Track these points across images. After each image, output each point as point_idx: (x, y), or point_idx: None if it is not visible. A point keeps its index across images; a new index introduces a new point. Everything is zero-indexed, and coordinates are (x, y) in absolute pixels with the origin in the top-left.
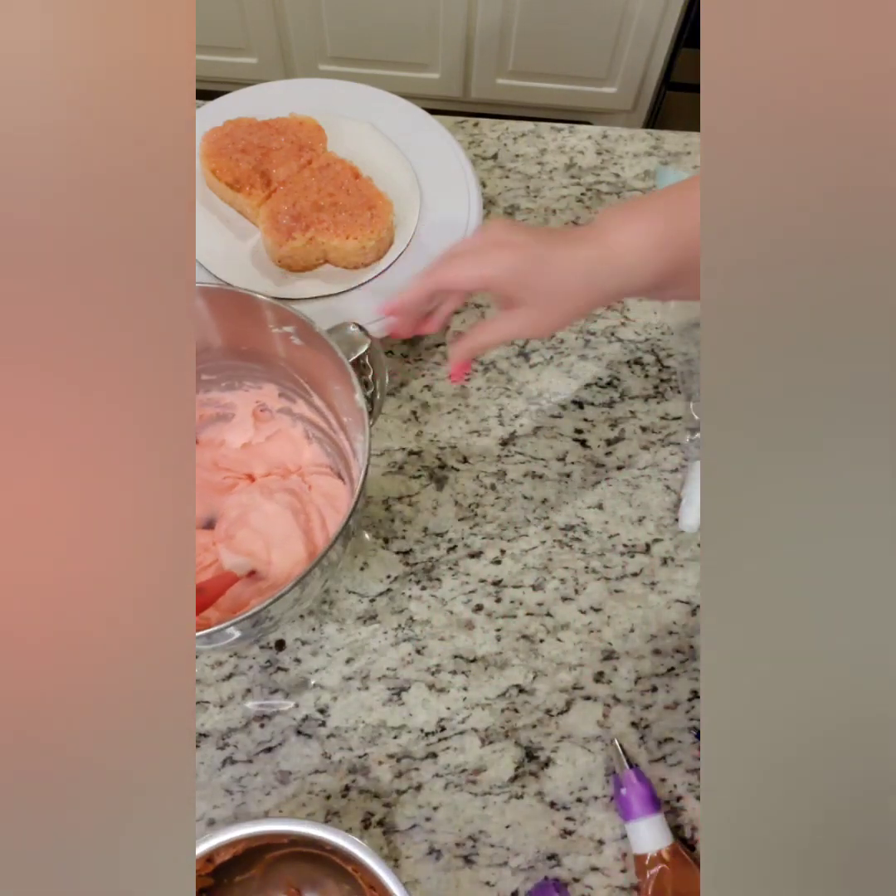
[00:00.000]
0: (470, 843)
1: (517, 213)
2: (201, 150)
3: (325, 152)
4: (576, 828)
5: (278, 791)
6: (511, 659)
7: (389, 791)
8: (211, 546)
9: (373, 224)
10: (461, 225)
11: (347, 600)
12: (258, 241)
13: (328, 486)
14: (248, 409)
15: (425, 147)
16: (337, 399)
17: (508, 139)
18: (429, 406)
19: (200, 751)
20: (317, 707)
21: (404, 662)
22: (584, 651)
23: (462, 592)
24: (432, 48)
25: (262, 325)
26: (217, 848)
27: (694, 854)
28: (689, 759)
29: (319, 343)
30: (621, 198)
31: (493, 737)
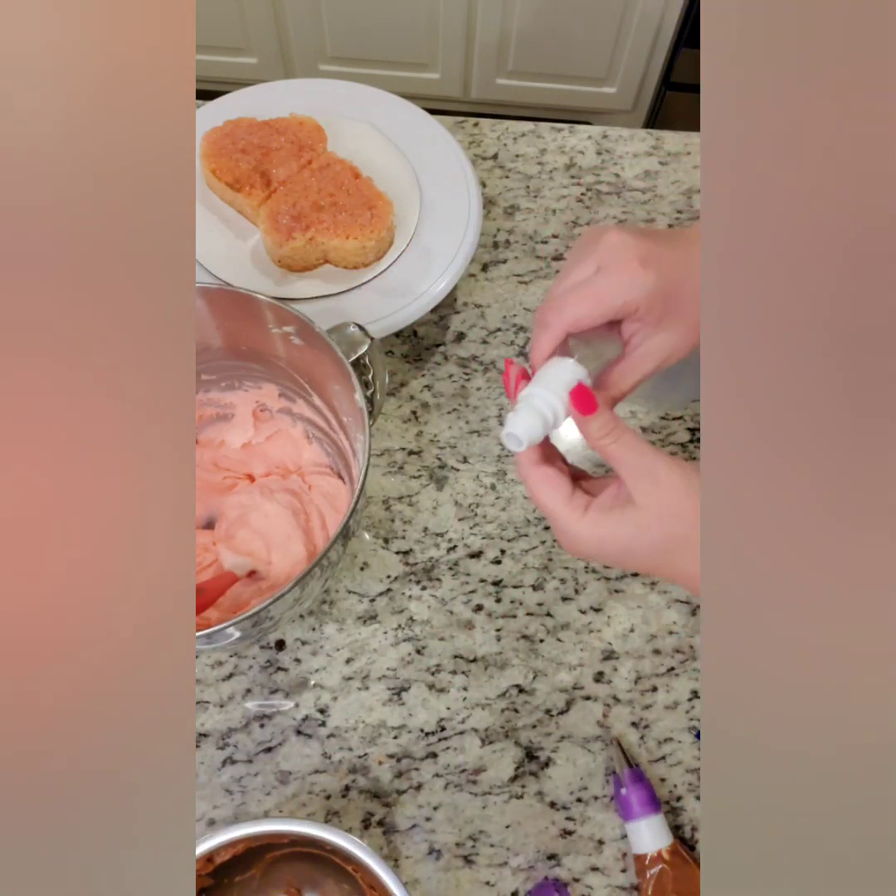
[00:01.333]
0: (470, 843)
1: (517, 213)
2: (201, 150)
3: (326, 152)
4: (576, 828)
5: (278, 791)
6: (511, 659)
7: (389, 791)
8: (211, 546)
9: (373, 224)
10: (461, 225)
11: (347, 600)
12: (258, 241)
13: (328, 486)
14: (247, 409)
15: (425, 147)
16: (337, 399)
17: (508, 139)
18: (429, 406)
19: (200, 751)
20: (317, 707)
21: (404, 662)
22: (584, 651)
23: (462, 592)
24: (432, 48)
25: (262, 325)
26: (217, 848)
27: (694, 854)
28: (689, 759)
29: (319, 343)
30: (621, 198)
31: (493, 737)
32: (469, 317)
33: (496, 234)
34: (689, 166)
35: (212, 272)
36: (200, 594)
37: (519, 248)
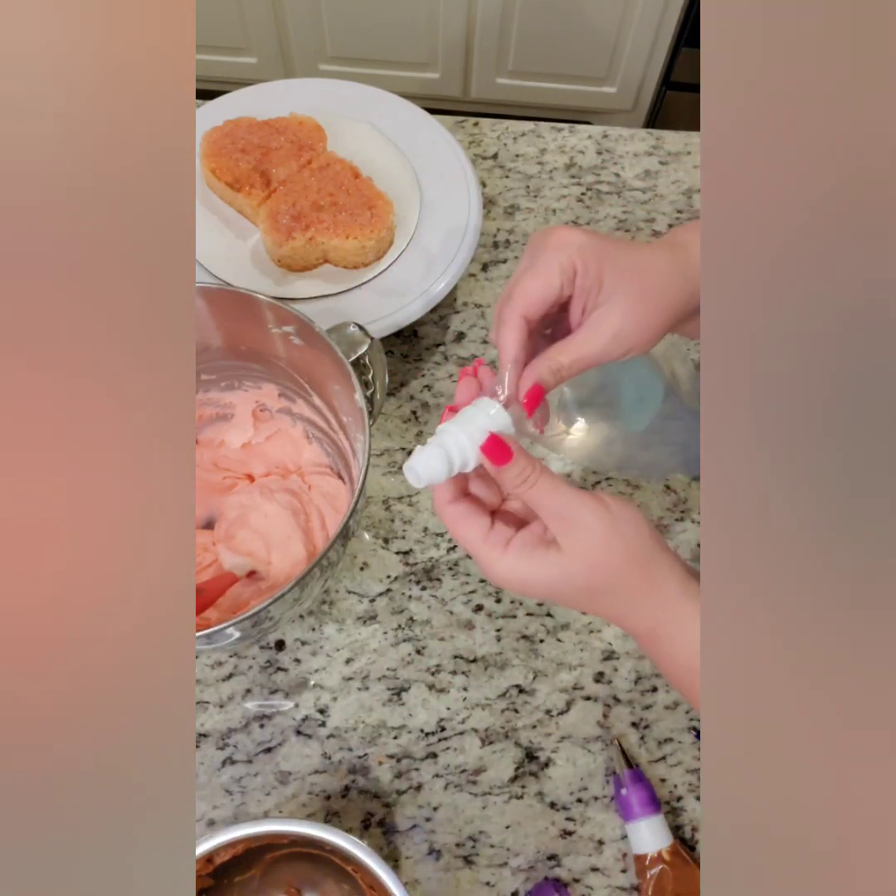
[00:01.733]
0: (470, 843)
1: (517, 212)
2: (201, 150)
3: (325, 152)
4: (576, 828)
5: (278, 791)
6: (511, 659)
7: (389, 791)
8: (210, 546)
9: (373, 224)
10: (461, 224)
11: (347, 600)
12: (258, 241)
13: (328, 486)
14: (247, 409)
15: (425, 147)
16: (337, 399)
17: (508, 139)
18: (429, 406)
19: (200, 751)
20: (317, 707)
21: (404, 663)
22: (584, 651)
23: (462, 592)
24: (432, 48)
25: (261, 324)
26: (217, 848)
27: (694, 854)
28: (689, 759)
29: (319, 343)
30: (621, 197)
31: (493, 737)
32: (469, 317)
33: (496, 233)
34: (689, 166)
35: (212, 272)
36: (200, 595)
37: (519, 247)
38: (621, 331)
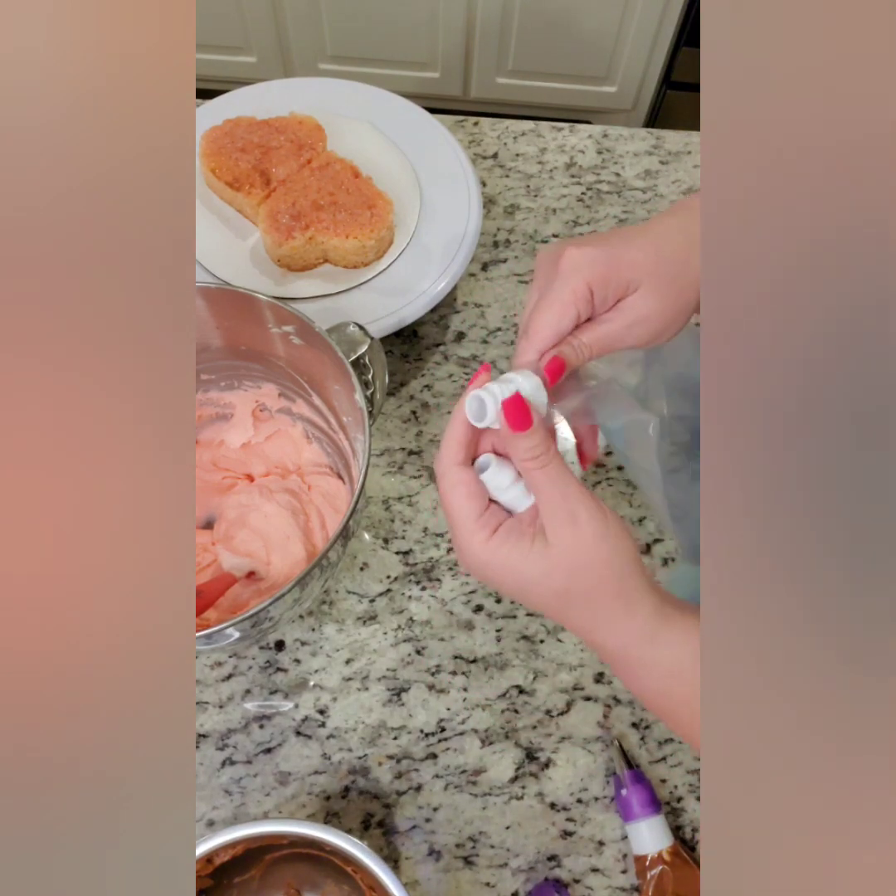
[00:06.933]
0: (470, 844)
1: (517, 212)
2: (201, 150)
3: (325, 151)
4: (576, 829)
5: (278, 792)
6: (511, 659)
7: (389, 792)
8: (210, 546)
9: (373, 223)
10: (461, 224)
11: (347, 601)
12: (258, 241)
13: (328, 486)
14: (247, 408)
15: (425, 146)
16: (337, 399)
17: (508, 138)
18: (429, 406)
19: (200, 751)
20: (316, 708)
21: (404, 663)
22: (585, 651)
23: (462, 593)
24: (432, 47)
25: (261, 324)
26: (217, 849)
27: (694, 855)
28: (689, 760)
29: (319, 343)
30: (622, 197)
31: (493, 737)
32: (469, 316)
33: (496, 233)
34: (689, 165)
35: (211, 272)
36: (199, 597)
37: (519, 247)
38: (643, 313)
